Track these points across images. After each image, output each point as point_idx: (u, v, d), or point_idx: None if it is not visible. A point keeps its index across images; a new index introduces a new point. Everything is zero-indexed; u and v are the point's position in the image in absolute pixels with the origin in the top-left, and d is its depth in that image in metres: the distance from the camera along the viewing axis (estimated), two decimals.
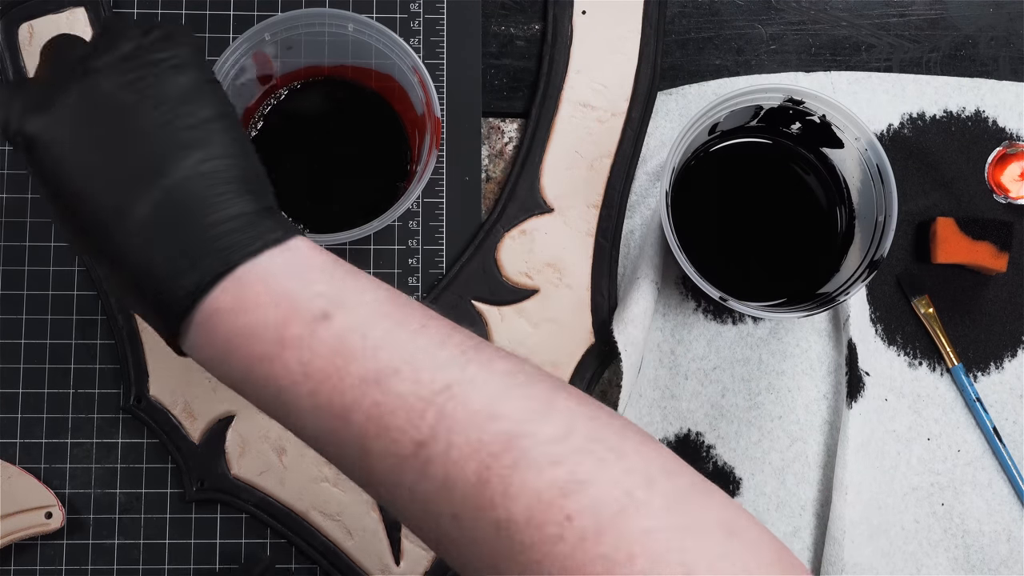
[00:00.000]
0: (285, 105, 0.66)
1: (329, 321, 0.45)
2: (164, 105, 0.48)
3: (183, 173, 0.47)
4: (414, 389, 0.44)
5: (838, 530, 0.64)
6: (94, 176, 0.47)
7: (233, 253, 0.46)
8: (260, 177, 0.49)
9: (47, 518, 0.63)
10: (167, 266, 0.46)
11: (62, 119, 0.47)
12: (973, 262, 0.67)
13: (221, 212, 0.46)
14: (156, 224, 0.46)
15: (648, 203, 0.69)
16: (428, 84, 0.61)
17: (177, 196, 0.46)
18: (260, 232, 0.47)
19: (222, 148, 0.48)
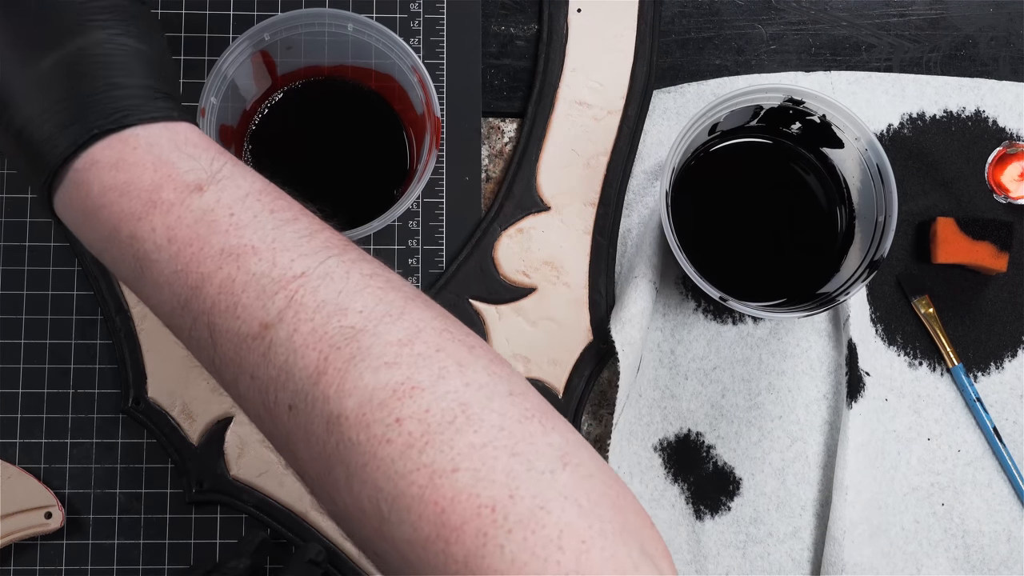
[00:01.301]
0: (285, 105, 0.66)
1: (201, 193, 0.46)
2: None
3: (94, 39, 0.47)
4: (269, 270, 0.45)
5: (838, 530, 0.64)
6: (6, 25, 0.48)
7: (125, 116, 0.47)
8: (165, 63, 0.50)
9: (47, 518, 0.63)
10: (56, 117, 0.46)
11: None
12: (973, 262, 0.67)
13: (123, 79, 0.47)
14: (54, 79, 0.47)
15: (645, 202, 0.69)
16: (428, 84, 0.61)
17: (83, 58, 0.47)
18: (156, 107, 0.48)
19: (137, 30, 0.49)
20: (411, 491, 0.41)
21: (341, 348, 0.43)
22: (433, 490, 0.41)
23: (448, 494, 0.40)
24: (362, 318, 0.44)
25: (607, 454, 0.65)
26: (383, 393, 0.42)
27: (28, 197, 0.67)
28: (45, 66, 0.47)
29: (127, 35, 0.48)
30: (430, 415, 0.42)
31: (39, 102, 0.47)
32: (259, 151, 0.66)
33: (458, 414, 0.42)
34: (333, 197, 0.66)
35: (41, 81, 0.47)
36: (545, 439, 0.42)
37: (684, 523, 0.67)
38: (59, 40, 0.47)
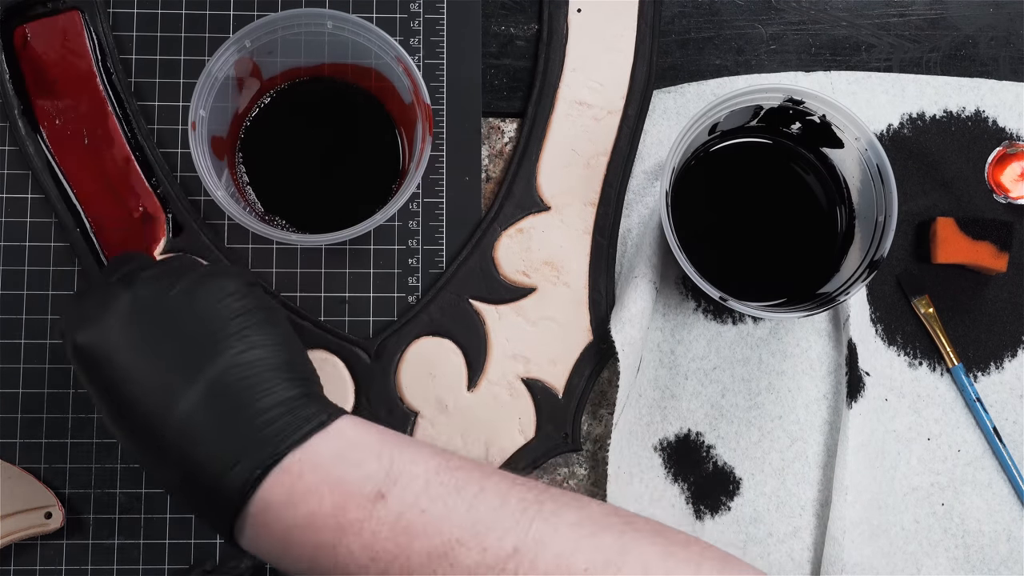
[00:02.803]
0: (272, 109, 0.66)
1: (385, 500, 0.45)
2: (202, 304, 0.49)
3: (223, 365, 0.47)
4: (481, 559, 0.44)
5: (838, 530, 0.64)
6: (139, 378, 0.48)
7: (280, 443, 0.46)
8: (302, 363, 0.50)
9: (47, 518, 0.63)
10: (214, 463, 0.46)
11: (108, 328, 0.49)
12: (973, 262, 0.67)
13: (263, 401, 0.47)
14: (200, 420, 0.46)
15: (645, 202, 0.69)
16: (413, 71, 0.61)
17: (218, 389, 0.47)
18: (304, 417, 0.47)
19: (261, 337, 0.49)
20: None
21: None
22: None
23: None
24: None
25: (607, 454, 0.65)
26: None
27: (28, 197, 0.67)
28: (185, 410, 0.47)
29: (256, 347, 0.48)
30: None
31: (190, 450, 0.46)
32: (251, 158, 0.66)
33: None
34: (328, 197, 0.66)
35: (189, 428, 0.46)
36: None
37: (684, 523, 0.67)
38: (191, 375, 0.47)
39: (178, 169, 0.67)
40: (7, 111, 0.66)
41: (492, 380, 0.66)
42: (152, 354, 0.48)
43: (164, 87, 0.68)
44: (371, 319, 0.67)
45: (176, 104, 0.68)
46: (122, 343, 0.48)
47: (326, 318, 0.67)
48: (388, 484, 0.46)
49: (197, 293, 0.49)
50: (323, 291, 0.67)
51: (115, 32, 0.68)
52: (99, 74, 0.67)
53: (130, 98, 0.67)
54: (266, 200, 0.66)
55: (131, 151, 0.66)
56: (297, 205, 0.66)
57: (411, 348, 0.66)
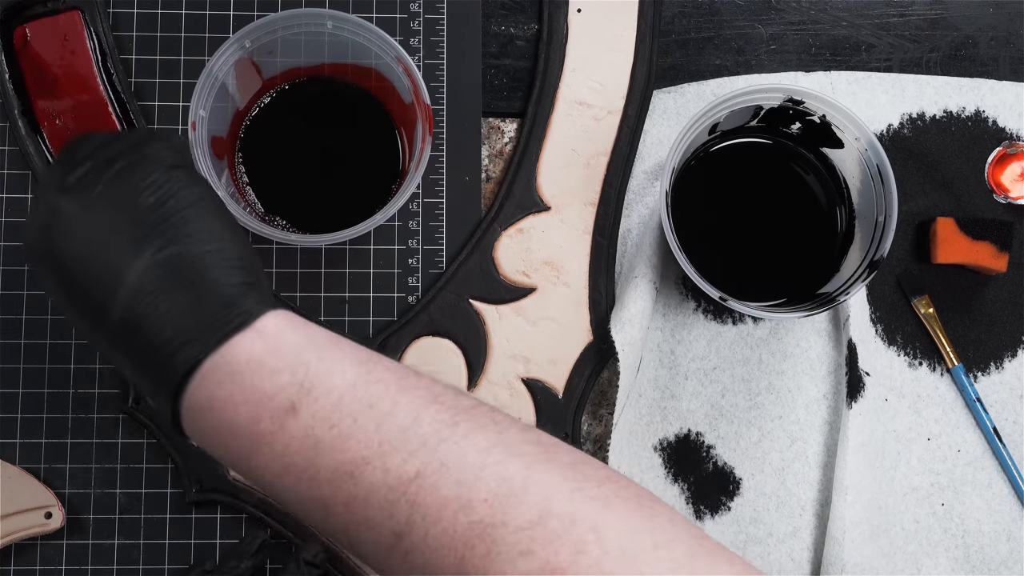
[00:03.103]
0: (272, 109, 0.66)
1: (297, 414, 0.45)
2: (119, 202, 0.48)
3: (141, 266, 0.47)
4: (384, 479, 0.44)
5: (838, 530, 0.64)
6: (69, 304, 0.48)
7: (199, 350, 0.46)
8: (242, 250, 0.49)
9: (47, 518, 0.63)
10: (147, 373, 0.47)
11: (55, 228, 0.48)
12: (973, 262, 0.67)
13: (184, 300, 0.46)
14: (126, 332, 0.47)
15: (645, 202, 0.69)
16: (413, 71, 0.61)
17: (138, 296, 0.46)
18: (224, 320, 0.46)
19: (181, 230, 0.48)
20: None
21: (475, 545, 0.42)
22: None
23: None
24: (488, 508, 0.43)
25: (607, 454, 0.65)
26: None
27: (28, 197, 0.67)
28: (116, 314, 0.47)
29: (179, 239, 0.48)
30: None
31: (123, 355, 0.48)
32: (251, 158, 0.66)
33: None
34: (328, 198, 0.66)
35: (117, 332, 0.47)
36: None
37: None
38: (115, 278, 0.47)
39: None
40: (7, 111, 0.66)
41: (492, 380, 0.66)
42: (76, 270, 0.48)
43: (164, 87, 0.68)
44: (371, 319, 0.67)
45: (176, 104, 0.68)
46: (67, 241, 0.48)
47: (326, 318, 0.67)
48: (301, 395, 0.45)
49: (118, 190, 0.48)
50: (323, 291, 0.67)
51: (115, 32, 0.68)
52: (99, 74, 0.67)
53: (130, 98, 0.67)
54: (266, 200, 0.66)
55: None
56: (297, 205, 0.66)
57: (411, 348, 0.66)
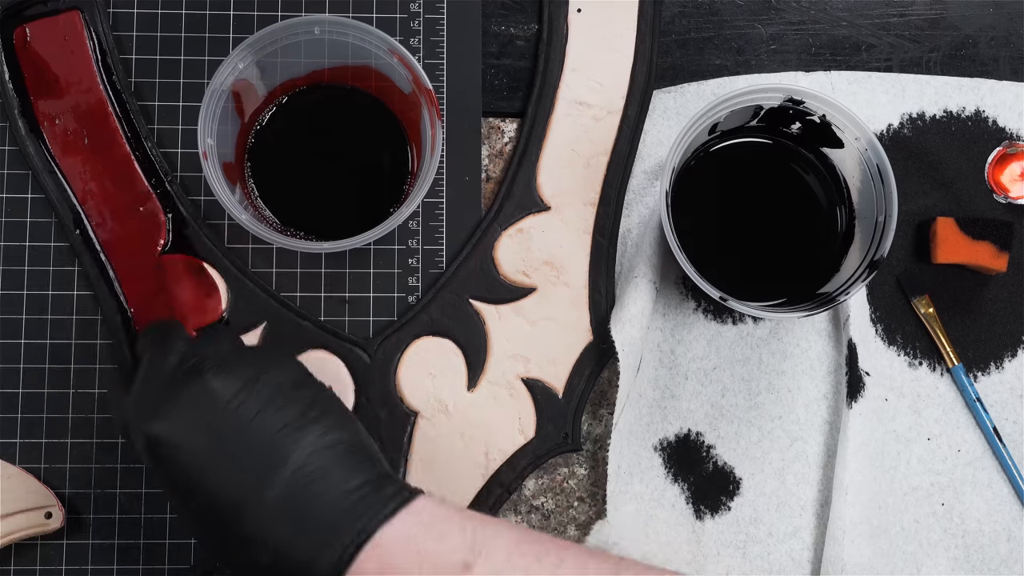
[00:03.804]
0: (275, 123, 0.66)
1: (472, 571, 0.47)
2: (271, 394, 0.51)
3: (304, 452, 0.49)
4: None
5: (838, 530, 0.64)
6: (221, 471, 0.49)
7: (369, 520, 0.48)
8: (371, 445, 0.52)
9: (47, 518, 0.63)
10: (305, 544, 0.48)
11: (184, 419, 0.50)
12: (973, 262, 0.67)
13: (348, 483, 0.49)
14: (286, 507, 0.48)
15: (645, 201, 0.69)
16: (408, 59, 0.61)
17: (301, 476, 0.49)
18: (387, 496, 0.49)
19: (334, 421, 0.51)
20: None
21: None
22: None
23: None
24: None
25: (607, 454, 0.65)
26: None
27: (28, 197, 0.67)
28: (271, 499, 0.48)
29: (327, 431, 0.50)
30: None
31: (278, 535, 0.48)
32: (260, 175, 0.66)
33: None
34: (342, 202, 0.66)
35: (272, 516, 0.48)
36: None
37: (684, 523, 0.67)
38: (273, 467, 0.49)
39: (178, 169, 0.67)
40: (7, 111, 0.66)
41: (492, 380, 0.66)
42: (231, 447, 0.50)
43: (164, 87, 0.68)
44: (371, 319, 0.67)
45: (176, 104, 0.68)
46: (200, 434, 0.50)
47: (326, 318, 0.67)
48: (473, 555, 0.48)
49: (265, 382, 0.52)
50: (323, 291, 0.67)
51: (115, 32, 0.68)
52: (99, 74, 0.67)
53: (130, 98, 0.67)
54: (281, 214, 0.66)
55: (131, 151, 0.66)
56: (313, 214, 0.66)
57: (411, 348, 0.66)
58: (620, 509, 0.66)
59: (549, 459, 0.67)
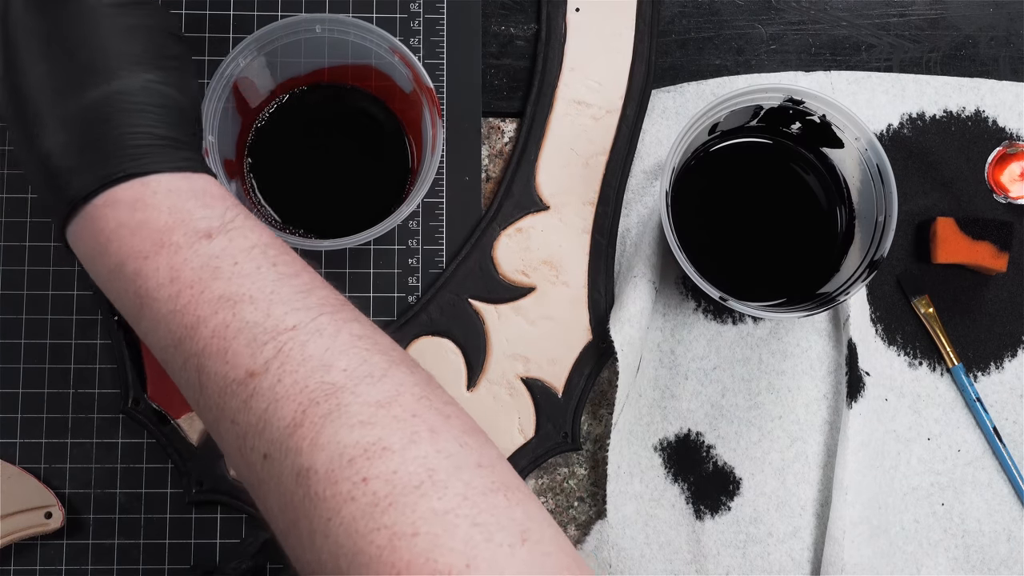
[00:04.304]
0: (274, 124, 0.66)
1: (210, 240, 0.48)
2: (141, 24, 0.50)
3: (135, 84, 0.49)
4: (262, 320, 0.46)
5: (838, 530, 0.64)
6: (53, 59, 0.49)
7: (151, 163, 0.48)
8: (193, 112, 0.52)
9: (47, 518, 0.63)
10: (84, 152, 0.48)
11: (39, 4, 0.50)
12: (973, 262, 0.67)
13: (153, 127, 0.49)
14: (88, 117, 0.48)
15: (644, 201, 0.69)
16: (409, 57, 0.61)
17: (119, 101, 0.49)
18: (180, 156, 0.49)
19: (181, 82, 0.51)
20: (370, 550, 0.42)
21: (320, 403, 0.44)
22: (392, 551, 0.41)
23: (406, 556, 0.41)
24: (344, 376, 0.45)
25: (607, 454, 0.65)
26: (354, 451, 0.43)
27: (28, 197, 0.67)
28: (82, 103, 0.49)
29: (164, 83, 0.50)
30: (397, 477, 0.42)
31: (70, 135, 0.48)
32: (260, 174, 0.66)
33: (424, 479, 0.42)
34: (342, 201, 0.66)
35: (76, 116, 0.48)
36: (508, 513, 0.43)
37: (684, 523, 0.67)
38: (98, 80, 0.49)
39: None
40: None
41: (492, 379, 0.66)
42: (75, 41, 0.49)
43: None
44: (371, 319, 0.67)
45: None
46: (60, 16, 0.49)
47: None
48: (220, 230, 0.48)
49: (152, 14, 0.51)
50: None
51: None
52: None
53: None
54: (281, 212, 0.66)
55: None
56: (313, 213, 0.66)
57: (411, 348, 0.66)
58: (620, 509, 0.66)
59: (549, 459, 0.67)
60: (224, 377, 0.46)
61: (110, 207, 0.48)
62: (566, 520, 0.67)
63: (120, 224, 0.48)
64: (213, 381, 0.46)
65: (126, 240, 0.48)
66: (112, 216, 0.48)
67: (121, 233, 0.48)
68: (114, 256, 0.48)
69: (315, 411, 0.44)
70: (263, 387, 0.45)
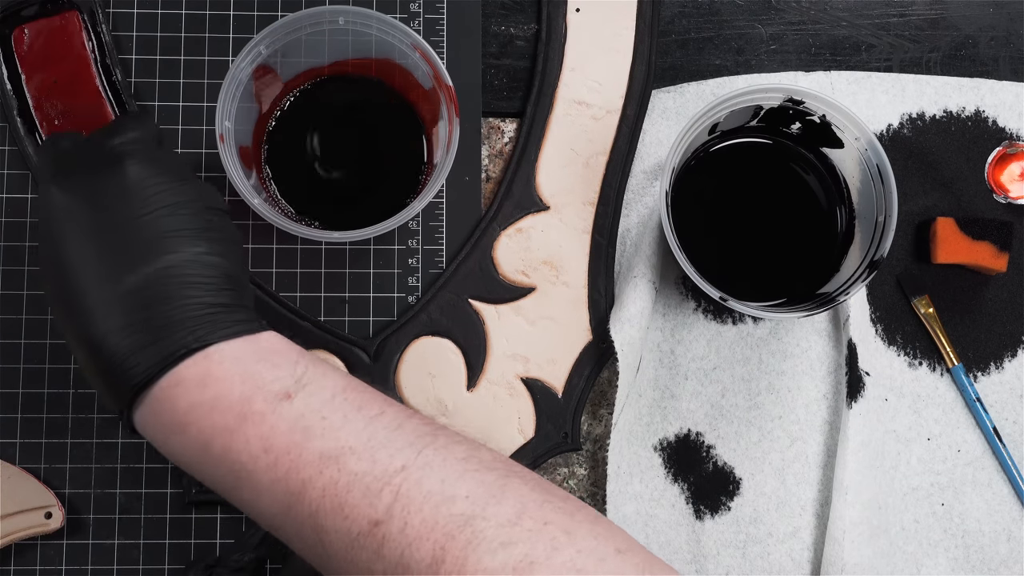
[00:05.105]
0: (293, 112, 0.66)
1: (291, 400, 0.48)
2: (182, 200, 0.51)
3: (182, 258, 0.49)
4: (370, 468, 0.46)
5: (838, 530, 0.64)
6: (100, 244, 0.49)
7: (207, 333, 0.48)
8: (242, 276, 0.52)
9: (47, 518, 0.63)
10: (138, 334, 0.48)
11: (87, 187, 0.51)
12: (973, 262, 0.67)
13: (204, 297, 0.49)
14: (138, 296, 0.48)
15: (645, 201, 0.69)
16: (430, 54, 0.61)
17: (165, 276, 0.49)
18: (234, 320, 0.49)
19: (226, 250, 0.51)
20: None
21: (455, 536, 0.45)
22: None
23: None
24: (469, 503, 0.45)
25: (607, 454, 0.65)
26: (503, 573, 0.44)
27: (28, 197, 0.67)
28: (130, 283, 0.49)
29: (211, 253, 0.50)
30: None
31: (121, 317, 0.48)
32: (277, 162, 0.66)
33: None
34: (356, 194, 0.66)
35: (128, 297, 0.48)
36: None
37: (684, 523, 0.67)
38: (147, 259, 0.49)
39: None
40: (6, 112, 0.66)
41: (491, 380, 0.66)
42: (122, 228, 0.50)
43: (164, 87, 0.68)
44: (371, 319, 0.67)
45: (176, 104, 0.68)
46: (99, 206, 0.50)
47: (326, 318, 0.67)
48: (297, 388, 0.48)
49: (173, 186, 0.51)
50: (323, 291, 0.67)
51: (115, 32, 0.68)
52: (98, 74, 0.67)
53: (129, 99, 0.67)
54: (296, 202, 0.65)
55: None
56: (327, 205, 0.66)
57: (411, 348, 0.66)
58: (620, 509, 0.66)
59: (549, 459, 0.67)
60: (347, 532, 0.46)
61: (179, 387, 0.48)
62: None
63: (194, 404, 0.48)
64: (335, 538, 0.46)
65: (205, 419, 0.48)
66: (183, 396, 0.48)
67: (198, 413, 0.48)
68: (195, 437, 0.48)
69: (454, 545, 0.44)
70: (392, 533, 0.45)
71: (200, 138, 0.68)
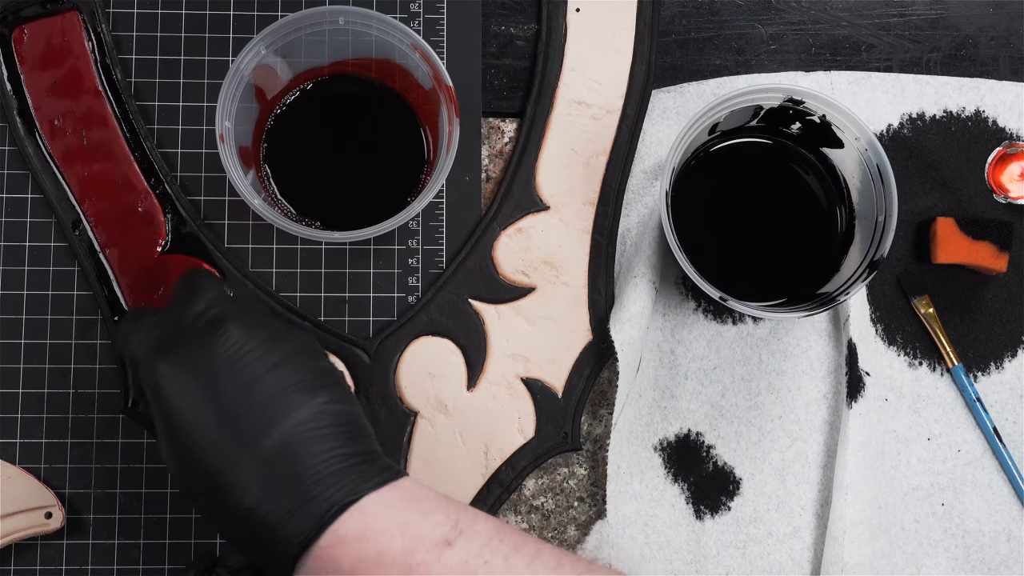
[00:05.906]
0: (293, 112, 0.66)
1: (452, 547, 0.48)
2: (287, 355, 0.51)
3: (309, 412, 0.50)
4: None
5: (838, 530, 0.64)
6: (222, 420, 0.50)
7: (357, 486, 0.49)
8: (365, 423, 0.53)
9: (47, 518, 0.63)
10: (288, 499, 0.48)
11: (192, 362, 0.51)
12: (973, 262, 0.67)
13: (343, 448, 0.50)
14: (278, 461, 0.49)
15: (645, 201, 0.69)
16: (430, 55, 0.61)
17: (300, 432, 0.49)
18: (379, 467, 0.50)
19: (341, 394, 0.52)
20: None
21: None
22: None
23: None
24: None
25: (607, 454, 0.65)
26: None
27: (28, 197, 0.67)
28: (266, 450, 0.49)
29: (333, 400, 0.51)
30: None
31: (265, 485, 0.48)
32: (276, 162, 0.66)
33: None
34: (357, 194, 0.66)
35: (264, 465, 0.49)
36: None
37: (684, 523, 0.67)
38: (274, 421, 0.49)
39: (178, 169, 0.67)
40: (6, 112, 0.66)
41: (491, 380, 0.66)
42: (238, 396, 0.50)
43: (164, 87, 0.68)
44: (371, 319, 0.67)
45: (176, 104, 0.68)
46: (209, 380, 0.50)
47: (326, 318, 0.67)
48: (454, 534, 0.49)
49: (288, 345, 0.52)
50: (323, 291, 0.67)
51: (115, 32, 0.68)
52: (98, 74, 0.67)
53: (129, 98, 0.67)
54: (295, 202, 0.65)
55: (131, 151, 0.66)
56: (327, 205, 0.66)
57: (411, 348, 0.66)
58: (620, 509, 0.66)
59: (549, 459, 0.67)
60: None
61: (338, 546, 0.48)
62: (566, 520, 0.67)
63: (357, 559, 0.48)
64: None
65: (371, 574, 0.48)
66: (344, 554, 0.48)
67: (363, 568, 0.48)
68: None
69: None
70: None
71: (200, 138, 0.68)
